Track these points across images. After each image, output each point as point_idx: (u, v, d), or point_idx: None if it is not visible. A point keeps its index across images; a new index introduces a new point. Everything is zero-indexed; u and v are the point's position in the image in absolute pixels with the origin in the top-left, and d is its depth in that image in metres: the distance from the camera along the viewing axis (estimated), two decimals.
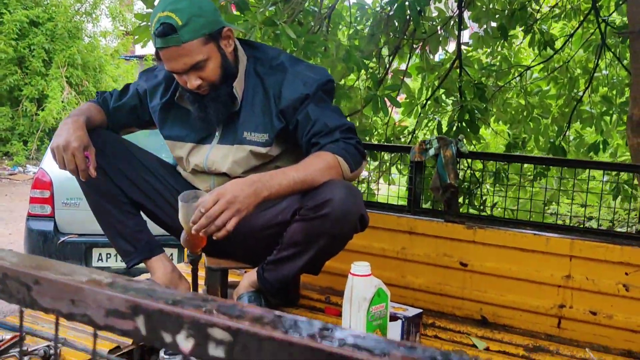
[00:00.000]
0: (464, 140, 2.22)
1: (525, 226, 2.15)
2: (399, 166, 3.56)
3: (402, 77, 3.84)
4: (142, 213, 2.14)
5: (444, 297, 2.18)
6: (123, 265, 2.17)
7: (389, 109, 3.79)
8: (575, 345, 1.95)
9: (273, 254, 1.90)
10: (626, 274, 1.93)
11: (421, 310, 1.90)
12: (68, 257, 4.12)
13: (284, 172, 1.74)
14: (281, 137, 1.95)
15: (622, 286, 1.93)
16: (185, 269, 2.55)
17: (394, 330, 1.78)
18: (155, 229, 2.15)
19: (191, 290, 1.87)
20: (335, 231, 1.75)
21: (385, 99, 3.53)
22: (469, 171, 3.78)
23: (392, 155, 3.34)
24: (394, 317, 1.80)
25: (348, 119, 3.99)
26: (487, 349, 1.89)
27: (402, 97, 4.22)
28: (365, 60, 3.74)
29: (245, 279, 2.04)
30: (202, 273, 2.20)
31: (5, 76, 11.69)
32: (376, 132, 4.05)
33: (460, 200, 3.83)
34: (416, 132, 4.10)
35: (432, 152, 2.12)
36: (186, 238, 1.75)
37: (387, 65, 3.87)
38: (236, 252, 2.10)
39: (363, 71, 3.79)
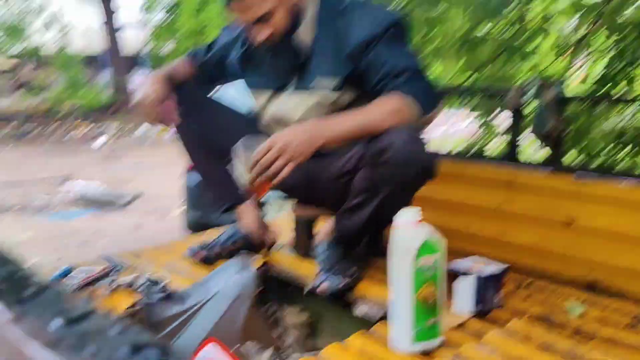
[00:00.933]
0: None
1: None
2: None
3: (545, 21, 3.45)
4: None
5: (549, 258, 1.94)
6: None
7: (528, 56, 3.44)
8: None
9: (346, 202, 1.83)
10: None
11: (506, 266, 1.70)
12: (222, 214, 4.38)
13: (343, 118, 1.66)
14: (352, 81, 1.85)
15: None
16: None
17: (465, 287, 1.62)
18: None
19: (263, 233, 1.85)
20: (398, 178, 1.63)
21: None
22: None
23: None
24: (466, 272, 1.64)
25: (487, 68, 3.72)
26: (582, 315, 1.65)
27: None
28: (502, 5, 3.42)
29: (324, 227, 2.00)
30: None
31: (187, 48, 12.64)
32: (516, 80, 3.70)
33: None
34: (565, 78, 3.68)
35: (530, 94, 1.86)
36: (247, 184, 1.74)
37: (524, 10, 3.48)
38: (320, 200, 2.06)
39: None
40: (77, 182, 7.47)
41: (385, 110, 1.64)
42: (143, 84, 1.97)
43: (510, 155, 2.08)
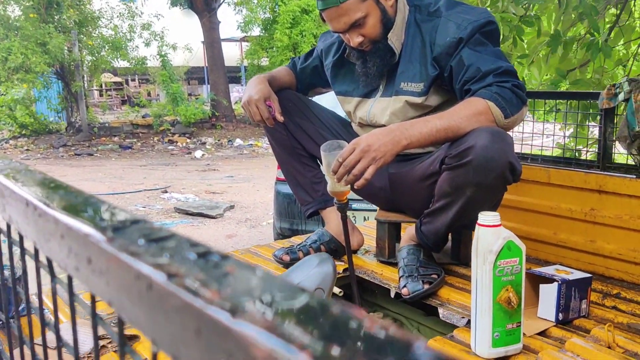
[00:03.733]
0: None
1: None
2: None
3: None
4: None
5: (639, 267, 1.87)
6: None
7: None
8: None
9: (429, 207, 1.84)
10: None
11: (590, 275, 1.65)
12: (307, 218, 4.48)
13: (426, 120, 1.67)
14: (439, 86, 1.87)
15: None
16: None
17: (548, 293, 1.59)
18: None
19: (345, 237, 1.89)
20: (479, 180, 1.62)
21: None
22: None
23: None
24: (550, 279, 1.61)
25: (578, 71, 3.59)
26: None
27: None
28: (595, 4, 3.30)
29: (406, 232, 2.02)
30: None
31: (282, 62, 13.00)
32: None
33: None
34: None
35: (621, 96, 1.80)
36: (331, 187, 1.79)
37: (621, 9, 3.32)
38: (402, 205, 2.09)
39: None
40: (174, 194, 7.83)
41: (466, 113, 1.64)
42: (248, 86, 2.08)
43: (601, 160, 2.01)
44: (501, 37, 3.03)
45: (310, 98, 2.33)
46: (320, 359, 0.21)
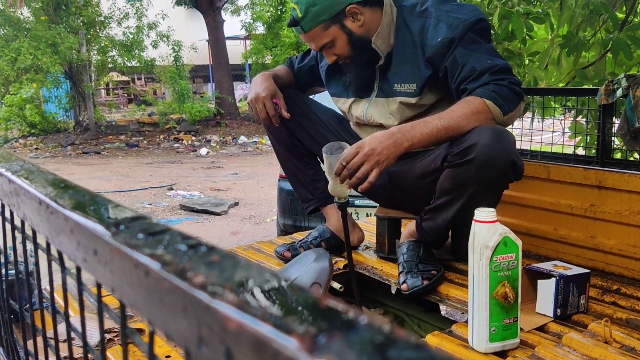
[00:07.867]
0: None
1: None
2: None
3: None
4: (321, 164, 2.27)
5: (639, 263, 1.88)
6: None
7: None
8: None
9: (430, 203, 1.86)
10: None
11: (588, 271, 1.67)
12: (310, 216, 4.50)
13: (426, 121, 1.70)
14: (433, 85, 1.89)
15: None
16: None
17: (546, 289, 1.61)
18: None
19: (345, 234, 1.92)
20: (481, 177, 1.64)
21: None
22: None
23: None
24: (547, 275, 1.62)
25: (591, 69, 3.58)
26: None
27: None
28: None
29: (406, 228, 2.04)
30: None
31: (286, 60, 13.02)
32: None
33: None
34: None
35: (619, 92, 1.81)
36: (332, 187, 1.81)
37: (632, 4, 3.31)
38: (402, 202, 2.11)
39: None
40: (180, 191, 7.87)
41: (465, 112, 1.66)
42: (254, 83, 2.11)
43: (600, 156, 2.03)
44: (509, 34, 3.03)
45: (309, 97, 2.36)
46: (280, 327, 0.24)
